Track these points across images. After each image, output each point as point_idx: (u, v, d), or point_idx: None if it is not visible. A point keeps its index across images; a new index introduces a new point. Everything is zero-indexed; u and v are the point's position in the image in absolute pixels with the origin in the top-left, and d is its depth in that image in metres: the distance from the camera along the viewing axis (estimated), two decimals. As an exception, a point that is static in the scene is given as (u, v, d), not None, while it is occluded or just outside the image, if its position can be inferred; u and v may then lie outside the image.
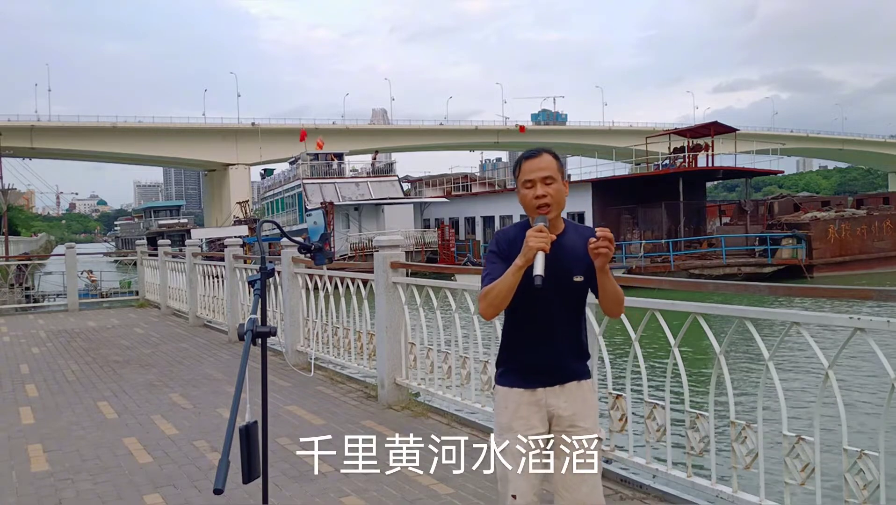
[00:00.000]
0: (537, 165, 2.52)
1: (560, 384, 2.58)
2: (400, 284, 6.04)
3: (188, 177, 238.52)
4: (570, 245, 2.53)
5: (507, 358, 2.67)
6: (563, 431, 2.57)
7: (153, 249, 15.48)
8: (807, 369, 11.74)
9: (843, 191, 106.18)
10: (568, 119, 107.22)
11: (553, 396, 2.57)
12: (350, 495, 4.02)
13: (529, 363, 2.59)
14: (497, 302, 2.50)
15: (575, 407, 2.57)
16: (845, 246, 31.50)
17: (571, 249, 2.52)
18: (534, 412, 2.57)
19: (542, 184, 2.50)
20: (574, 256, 2.51)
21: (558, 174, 2.53)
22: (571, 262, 2.50)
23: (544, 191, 2.49)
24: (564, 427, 2.57)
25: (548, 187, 2.50)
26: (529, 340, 2.60)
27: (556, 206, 2.51)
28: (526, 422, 2.56)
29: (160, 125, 74.01)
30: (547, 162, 2.53)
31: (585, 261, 2.48)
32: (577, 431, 2.56)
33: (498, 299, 2.49)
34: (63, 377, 7.78)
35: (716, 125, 35.13)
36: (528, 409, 2.57)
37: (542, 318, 2.55)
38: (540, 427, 2.57)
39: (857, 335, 2.95)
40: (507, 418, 2.60)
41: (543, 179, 2.50)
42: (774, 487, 3.37)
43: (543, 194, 2.49)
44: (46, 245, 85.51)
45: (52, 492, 4.28)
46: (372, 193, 43.31)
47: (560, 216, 2.58)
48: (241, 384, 2.39)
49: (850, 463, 2.93)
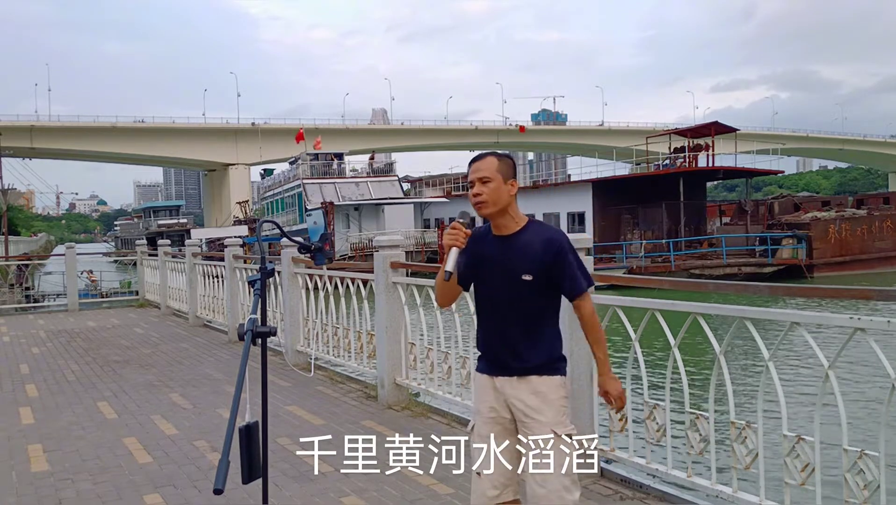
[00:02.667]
0: (477, 167, 2.67)
1: (518, 376, 2.66)
2: (400, 284, 6.04)
3: (188, 177, 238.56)
4: (521, 244, 2.64)
5: (478, 345, 2.87)
6: (521, 422, 2.64)
7: (153, 249, 15.48)
8: (807, 369, 11.73)
9: (844, 191, 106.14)
10: (568, 119, 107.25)
11: (510, 386, 2.67)
12: (350, 495, 4.02)
13: (488, 353, 2.77)
14: (438, 293, 2.83)
15: (531, 400, 2.63)
16: (846, 246, 31.49)
17: (522, 248, 2.63)
18: (496, 397, 2.70)
19: (479, 183, 2.65)
20: (524, 256, 2.62)
21: (498, 174, 2.64)
22: (519, 260, 2.62)
23: (479, 189, 2.64)
24: (520, 418, 2.65)
25: (483, 186, 2.64)
26: (486, 332, 2.77)
27: (493, 205, 2.64)
28: (488, 404, 2.72)
29: (160, 125, 73.99)
30: (487, 163, 2.66)
31: (537, 261, 2.61)
32: (532, 424, 2.61)
33: (436, 290, 2.82)
34: (63, 377, 7.77)
35: (716, 125, 35.12)
36: (492, 393, 2.71)
37: (494, 312, 2.71)
38: (503, 411, 2.69)
39: (857, 335, 2.95)
40: (475, 401, 2.84)
41: (480, 179, 2.64)
42: (774, 487, 3.37)
43: (478, 192, 2.65)
44: (46, 245, 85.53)
45: (52, 492, 4.28)
46: (372, 193, 43.31)
47: (514, 214, 2.68)
48: (241, 384, 2.39)
49: (850, 463, 2.93)
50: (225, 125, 76.47)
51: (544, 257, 2.60)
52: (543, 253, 2.60)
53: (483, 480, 2.65)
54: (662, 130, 44.15)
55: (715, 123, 35.41)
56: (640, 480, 4.00)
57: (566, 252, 2.64)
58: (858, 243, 31.87)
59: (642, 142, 38.50)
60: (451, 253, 2.57)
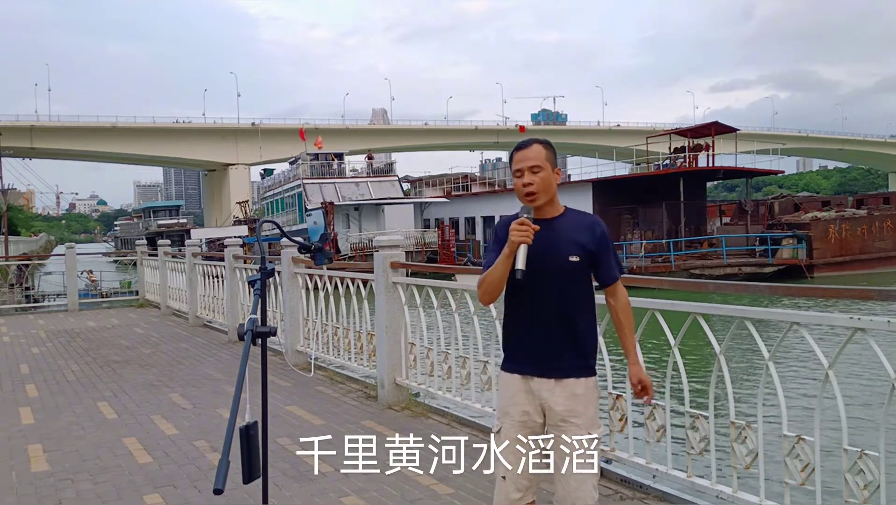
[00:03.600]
0: (525, 155, 2.60)
1: (556, 378, 2.58)
2: (400, 284, 6.04)
3: (188, 177, 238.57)
4: (565, 227, 2.60)
5: (507, 343, 2.72)
6: (556, 425, 2.57)
7: (153, 249, 15.48)
8: (807, 369, 11.73)
9: (844, 191, 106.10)
10: (568, 119, 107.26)
11: (546, 389, 2.59)
12: (350, 495, 4.02)
13: (525, 351, 2.64)
14: (491, 289, 2.61)
15: (569, 404, 2.56)
16: (846, 246, 31.48)
17: (567, 231, 2.58)
18: (529, 400, 2.61)
19: (530, 172, 2.57)
20: (569, 238, 2.57)
21: (547, 163, 2.59)
22: (565, 243, 2.56)
23: (530, 179, 2.57)
24: (556, 422, 2.57)
25: (534, 175, 2.57)
26: (524, 325, 2.64)
27: (544, 194, 2.58)
28: (520, 408, 2.61)
29: (160, 125, 73.99)
30: (535, 151, 2.60)
31: (582, 243, 2.57)
32: (570, 427, 2.55)
33: (491, 287, 2.60)
34: (63, 377, 7.77)
35: (716, 125, 35.10)
36: (525, 396, 2.61)
37: (536, 304, 2.60)
38: (535, 415, 2.61)
39: (857, 335, 2.95)
40: (504, 403, 2.67)
41: (531, 168, 2.58)
42: (774, 487, 3.37)
43: (529, 182, 2.56)
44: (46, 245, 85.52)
45: (52, 492, 4.28)
46: (372, 193, 43.31)
47: (555, 202, 2.63)
48: (241, 384, 2.40)
49: (850, 463, 2.93)
50: (225, 125, 76.47)
51: (589, 240, 2.57)
52: (589, 236, 2.58)
53: (507, 483, 2.61)
54: (663, 130, 44.14)
55: (715, 123, 35.39)
56: (640, 480, 4.00)
57: (608, 237, 2.64)
58: (858, 243, 31.86)
59: (642, 142, 38.49)
60: (520, 250, 2.45)
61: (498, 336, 4.91)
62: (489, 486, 3.97)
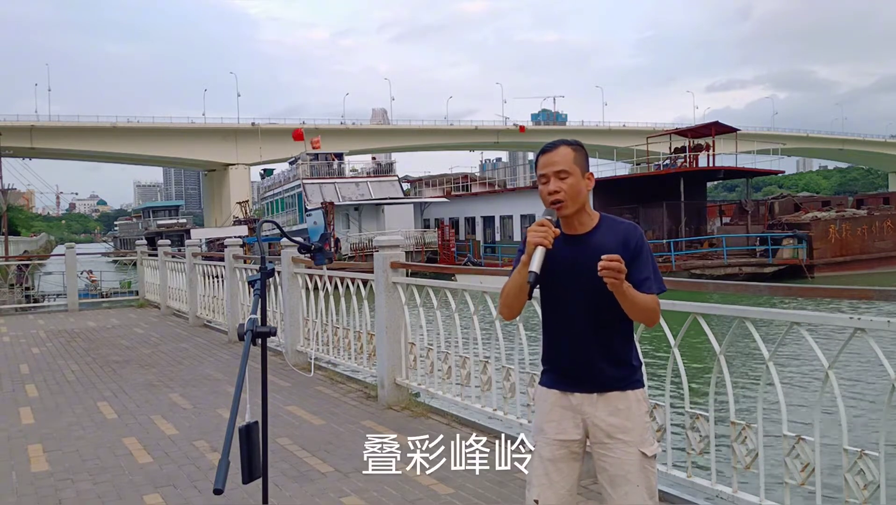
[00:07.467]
0: (551, 160, 2.38)
1: (598, 392, 2.39)
2: (400, 284, 6.04)
3: (188, 177, 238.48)
4: (598, 243, 2.36)
5: (546, 358, 2.53)
6: (601, 442, 2.38)
7: (153, 249, 15.48)
8: (807, 369, 11.73)
9: (844, 191, 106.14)
10: (568, 119, 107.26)
11: (589, 404, 2.39)
12: (350, 495, 4.02)
13: (562, 365, 2.46)
14: (508, 301, 2.43)
15: (614, 419, 2.36)
16: (846, 246, 31.48)
17: (599, 247, 2.32)
18: (567, 417, 2.41)
19: (556, 178, 2.36)
20: (602, 254, 2.25)
21: (576, 167, 2.37)
22: (597, 259, 2.24)
23: (557, 186, 2.35)
24: (601, 439, 2.38)
25: (561, 182, 2.35)
26: (558, 340, 2.47)
27: (573, 202, 2.36)
28: (557, 425, 2.42)
29: (160, 125, 73.97)
30: (561, 155, 2.38)
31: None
32: (617, 444, 2.35)
33: (508, 298, 2.42)
34: (63, 377, 7.77)
35: (717, 125, 35.13)
36: (562, 412, 2.42)
37: (568, 318, 2.42)
38: (573, 433, 2.41)
39: (857, 335, 2.95)
40: (540, 420, 2.48)
41: (557, 174, 2.36)
42: (774, 487, 3.37)
43: (556, 190, 2.35)
44: (46, 245, 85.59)
45: (52, 492, 4.28)
46: (372, 193, 43.33)
47: (587, 210, 2.42)
48: (241, 384, 2.39)
49: (850, 463, 2.93)
50: (225, 125, 76.43)
51: (623, 253, 2.27)
52: (623, 249, 2.31)
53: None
54: (663, 130, 44.16)
55: (715, 123, 35.42)
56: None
57: (643, 247, 2.37)
58: (859, 243, 31.86)
59: (642, 142, 38.52)
60: (536, 252, 2.24)
61: (498, 336, 4.92)
62: (489, 486, 3.98)
